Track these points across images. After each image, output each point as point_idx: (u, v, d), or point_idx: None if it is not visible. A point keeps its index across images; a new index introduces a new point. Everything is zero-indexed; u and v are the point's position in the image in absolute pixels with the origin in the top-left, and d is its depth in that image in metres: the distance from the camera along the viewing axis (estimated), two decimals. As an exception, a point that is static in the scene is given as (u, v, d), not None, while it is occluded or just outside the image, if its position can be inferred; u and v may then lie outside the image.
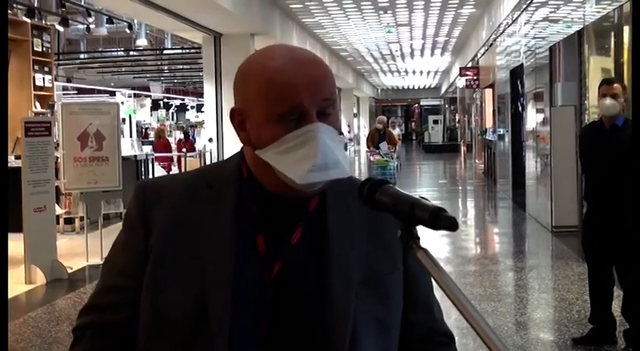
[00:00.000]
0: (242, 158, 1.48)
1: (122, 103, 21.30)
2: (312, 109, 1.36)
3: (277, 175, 1.38)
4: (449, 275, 1.16)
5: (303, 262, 1.42)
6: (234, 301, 1.38)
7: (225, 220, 1.42)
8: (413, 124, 56.71)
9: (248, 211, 1.44)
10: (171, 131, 29.16)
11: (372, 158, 17.20)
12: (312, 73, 1.38)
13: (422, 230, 1.23)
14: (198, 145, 19.36)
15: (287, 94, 1.35)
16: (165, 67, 30.22)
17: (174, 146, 20.90)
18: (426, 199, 1.24)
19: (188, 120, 35.58)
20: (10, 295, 7.46)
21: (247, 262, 1.41)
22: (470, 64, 24.53)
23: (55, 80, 15.61)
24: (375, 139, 17.55)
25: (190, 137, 24.80)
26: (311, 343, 1.40)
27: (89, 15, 18.23)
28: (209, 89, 15.83)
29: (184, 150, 19.10)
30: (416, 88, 51.26)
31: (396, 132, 28.37)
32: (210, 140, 15.93)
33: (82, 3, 17.34)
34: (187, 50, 24.06)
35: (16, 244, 8.30)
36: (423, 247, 1.20)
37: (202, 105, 19.22)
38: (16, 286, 7.86)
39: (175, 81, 36.72)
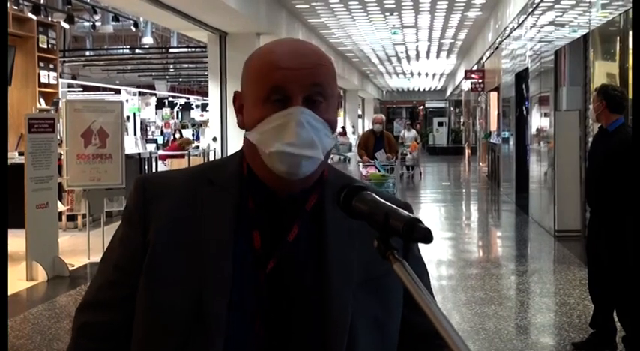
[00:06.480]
0: (243, 155, 1.49)
1: (127, 100, 21.36)
2: (297, 94, 1.38)
3: (263, 159, 1.40)
4: (426, 290, 1.14)
5: (299, 259, 1.42)
6: (231, 298, 1.38)
7: (224, 217, 1.42)
8: (417, 126, 56.66)
9: (246, 208, 1.44)
10: (175, 131, 29.25)
11: (364, 172, 12.60)
12: (304, 61, 1.40)
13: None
14: (202, 144, 19.33)
15: (272, 76, 1.38)
16: (171, 66, 30.31)
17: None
18: (401, 210, 1.22)
19: (193, 119, 35.70)
20: (11, 292, 7.47)
21: (244, 259, 1.40)
22: (475, 67, 24.53)
23: (61, 77, 15.63)
24: (370, 145, 12.83)
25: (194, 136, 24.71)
26: (308, 341, 1.40)
27: (95, 12, 18.28)
28: (214, 88, 15.86)
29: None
30: (421, 90, 51.30)
31: (412, 135, 24.85)
32: (215, 139, 15.95)
33: (88, 0, 17.37)
34: (193, 49, 24.11)
35: (18, 241, 8.31)
36: (400, 259, 1.18)
37: (207, 104, 19.20)
38: (18, 282, 7.87)
39: (180, 79, 36.82)
